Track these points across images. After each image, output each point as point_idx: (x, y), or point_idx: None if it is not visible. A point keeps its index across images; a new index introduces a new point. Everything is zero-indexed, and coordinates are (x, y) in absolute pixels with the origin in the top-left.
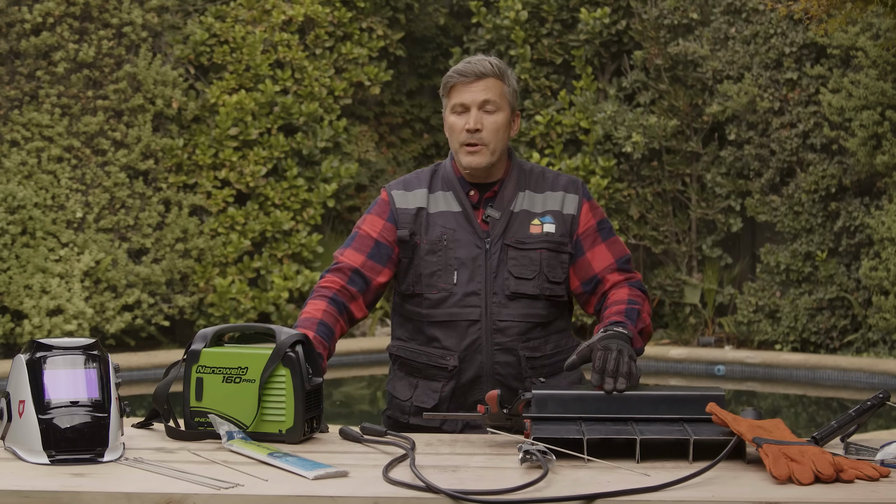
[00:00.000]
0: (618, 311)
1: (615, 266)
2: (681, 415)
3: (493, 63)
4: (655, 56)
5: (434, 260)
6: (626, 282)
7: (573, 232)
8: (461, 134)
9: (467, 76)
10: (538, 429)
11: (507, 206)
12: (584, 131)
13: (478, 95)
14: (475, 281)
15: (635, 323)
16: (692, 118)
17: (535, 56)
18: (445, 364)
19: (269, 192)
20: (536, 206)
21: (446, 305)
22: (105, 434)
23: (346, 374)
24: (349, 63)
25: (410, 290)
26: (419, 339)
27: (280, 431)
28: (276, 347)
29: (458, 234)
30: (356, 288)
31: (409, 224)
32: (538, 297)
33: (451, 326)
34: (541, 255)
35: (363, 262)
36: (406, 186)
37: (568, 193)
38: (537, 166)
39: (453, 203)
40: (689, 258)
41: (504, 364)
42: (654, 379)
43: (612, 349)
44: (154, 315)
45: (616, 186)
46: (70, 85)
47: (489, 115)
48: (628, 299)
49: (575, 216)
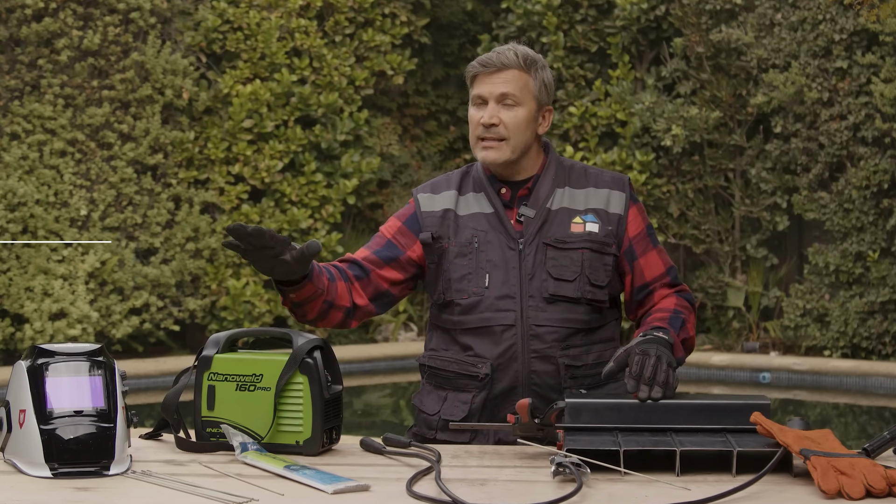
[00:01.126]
0: (661, 318)
1: (667, 277)
2: (723, 425)
3: (519, 54)
4: (697, 43)
5: (464, 263)
6: (676, 293)
7: (620, 233)
8: (478, 128)
9: (489, 67)
10: (572, 440)
11: (543, 204)
12: (621, 123)
13: (496, 88)
14: (509, 283)
15: (678, 331)
16: (735, 110)
17: (568, 43)
18: (477, 372)
19: (286, 188)
20: (578, 203)
21: (478, 310)
22: (111, 445)
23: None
24: (371, 51)
25: (442, 298)
26: (452, 349)
27: (297, 443)
28: (292, 353)
29: (490, 235)
30: (353, 273)
31: (434, 227)
32: (579, 300)
33: (484, 333)
34: (582, 256)
35: (366, 256)
36: (434, 189)
37: (613, 191)
38: (579, 163)
39: (485, 204)
40: (733, 259)
41: (541, 373)
42: (696, 387)
43: (650, 354)
44: (163, 319)
45: (655, 182)
46: (74, 74)
47: (508, 110)
48: (674, 308)
49: (622, 216)
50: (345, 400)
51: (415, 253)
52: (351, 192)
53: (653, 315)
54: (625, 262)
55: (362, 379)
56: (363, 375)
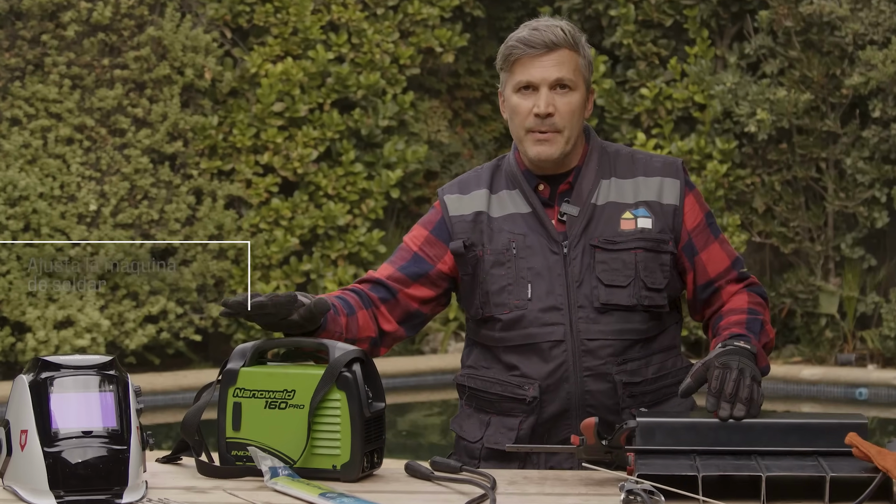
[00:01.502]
0: (738, 322)
1: (734, 271)
2: (815, 447)
3: (565, 30)
4: (784, 17)
5: (502, 273)
6: (746, 288)
7: (677, 227)
8: (528, 118)
9: (536, 47)
10: (644, 464)
11: (588, 199)
12: (699, 107)
13: (550, 72)
14: (555, 293)
15: (759, 336)
16: (828, 91)
17: (640, 16)
18: (524, 395)
19: (321, 180)
20: (626, 195)
21: (522, 326)
22: (124, 470)
23: (414, 398)
24: (417, 25)
25: (480, 313)
26: (494, 368)
27: (334, 467)
28: (328, 366)
29: (530, 239)
30: (378, 295)
31: (465, 233)
32: (634, 308)
33: (531, 350)
34: (636, 257)
35: (390, 274)
36: (462, 189)
37: (666, 178)
38: (624, 147)
39: (521, 203)
40: (825, 259)
41: (596, 393)
42: (784, 404)
43: (731, 368)
44: (183, 328)
45: (737, 173)
46: (82, 51)
47: (563, 96)
48: (748, 308)
49: (678, 207)
50: (388, 419)
51: (446, 265)
52: (394, 184)
53: (727, 319)
54: (685, 259)
55: (407, 395)
56: (408, 391)
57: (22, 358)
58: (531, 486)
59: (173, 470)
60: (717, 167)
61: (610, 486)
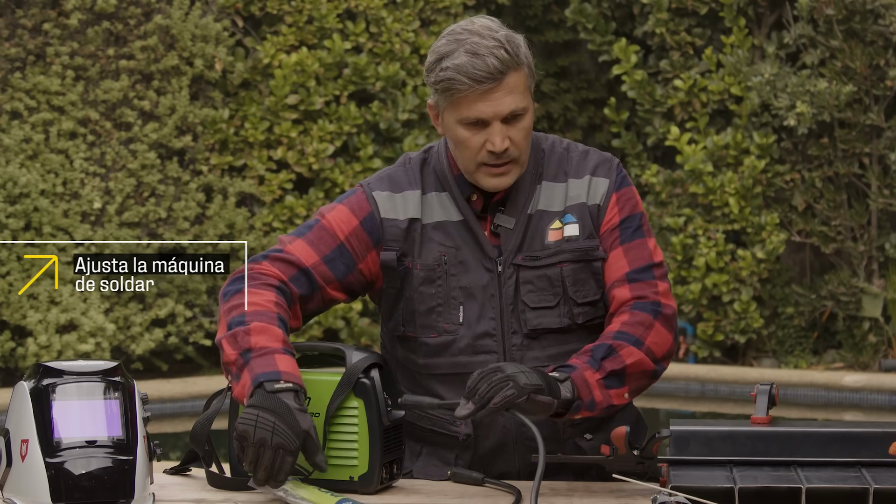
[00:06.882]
0: (585, 350)
1: (625, 278)
2: (857, 457)
3: (506, 46)
4: (826, 4)
5: (431, 292)
6: (634, 303)
7: (597, 227)
8: (481, 153)
9: (483, 81)
10: (678, 475)
11: (523, 209)
12: (736, 100)
13: (501, 107)
14: (487, 317)
15: (600, 363)
16: (872, 83)
17: (673, 4)
18: (456, 432)
19: (338, 176)
20: (555, 202)
21: (451, 353)
22: (130, 482)
23: None
24: (438, 13)
25: (401, 331)
26: (417, 394)
27: (351, 478)
28: (345, 372)
29: (462, 253)
30: (299, 290)
31: (398, 242)
32: (568, 328)
33: (460, 381)
34: (562, 272)
35: (316, 264)
36: (393, 186)
37: (596, 178)
38: (560, 142)
39: (451, 210)
40: (869, 260)
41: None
42: (825, 412)
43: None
44: (192, 332)
45: (776, 169)
46: (86, 41)
47: (516, 125)
48: (616, 331)
49: (601, 206)
50: None
51: (367, 267)
52: None
53: (585, 346)
54: None
55: None
56: None
57: (23, 364)
58: (559, 499)
59: (182, 482)
60: (755, 163)
61: (642, 498)
